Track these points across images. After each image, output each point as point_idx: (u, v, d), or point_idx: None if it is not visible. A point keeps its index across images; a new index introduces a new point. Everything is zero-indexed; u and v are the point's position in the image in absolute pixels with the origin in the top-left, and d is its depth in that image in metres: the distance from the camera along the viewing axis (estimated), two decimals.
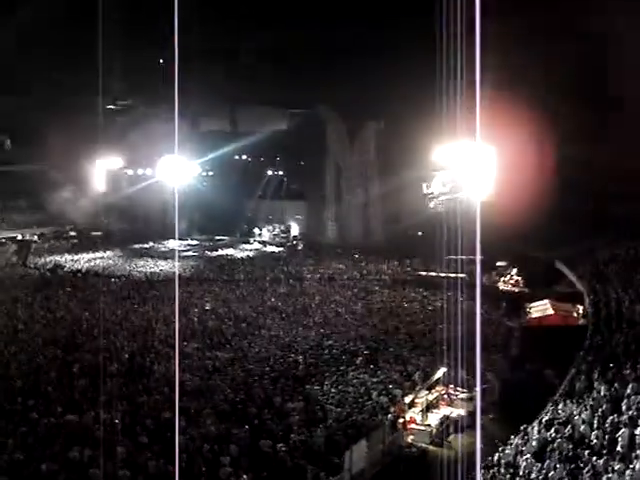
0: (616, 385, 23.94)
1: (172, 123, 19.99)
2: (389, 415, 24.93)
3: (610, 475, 17.85)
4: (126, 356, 32.09)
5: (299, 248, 69.68)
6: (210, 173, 78.70)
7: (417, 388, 27.36)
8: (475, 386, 26.58)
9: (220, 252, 67.85)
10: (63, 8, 64.32)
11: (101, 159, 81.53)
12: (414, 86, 54.55)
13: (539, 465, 19.40)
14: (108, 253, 65.53)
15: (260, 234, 76.51)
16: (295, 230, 75.84)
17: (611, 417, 21.30)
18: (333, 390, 27.70)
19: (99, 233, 76.71)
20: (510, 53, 50.13)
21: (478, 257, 16.52)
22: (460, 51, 24.68)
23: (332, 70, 64.18)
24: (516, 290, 48.59)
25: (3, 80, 67.98)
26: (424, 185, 58.03)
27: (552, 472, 18.72)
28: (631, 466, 17.82)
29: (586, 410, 22.47)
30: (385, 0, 60.31)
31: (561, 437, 20.82)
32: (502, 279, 50.03)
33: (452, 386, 27.69)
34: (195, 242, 73.10)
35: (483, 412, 25.77)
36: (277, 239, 74.44)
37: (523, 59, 53.87)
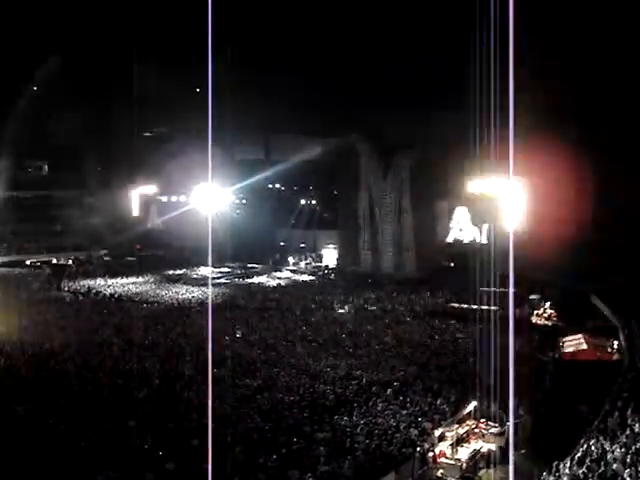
0: None
1: (206, 151, 20.18)
2: (418, 448, 24.62)
3: None
4: (157, 382, 32.21)
5: (331, 277, 69.49)
6: (243, 201, 79.33)
7: (447, 421, 27.03)
8: (507, 420, 26.27)
9: (252, 280, 67.93)
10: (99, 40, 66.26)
11: (136, 186, 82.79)
12: (448, 117, 54.72)
13: None
14: (141, 279, 66.00)
15: (292, 262, 76.62)
16: (327, 259, 75.84)
17: None
18: (362, 421, 27.43)
19: (133, 258, 77.46)
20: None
21: (511, 289, 16.41)
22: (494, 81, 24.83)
23: (367, 99, 64.53)
24: (549, 324, 47.97)
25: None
26: (456, 215, 57.83)
27: None
28: None
29: (620, 447, 22.00)
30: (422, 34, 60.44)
31: (593, 475, 20.39)
32: (535, 312, 49.42)
33: (483, 420, 27.36)
34: (227, 269, 73.32)
35: (514, 447, 25.45)
36: (309, 268, 74.44)
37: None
